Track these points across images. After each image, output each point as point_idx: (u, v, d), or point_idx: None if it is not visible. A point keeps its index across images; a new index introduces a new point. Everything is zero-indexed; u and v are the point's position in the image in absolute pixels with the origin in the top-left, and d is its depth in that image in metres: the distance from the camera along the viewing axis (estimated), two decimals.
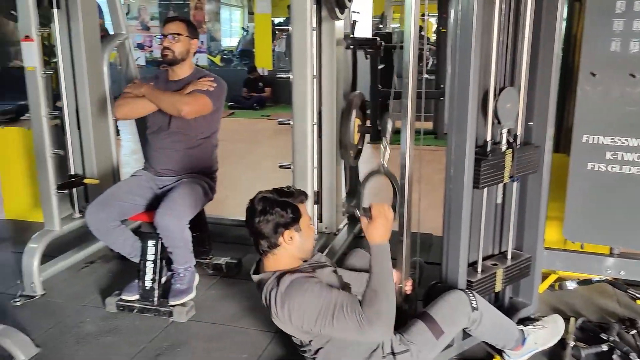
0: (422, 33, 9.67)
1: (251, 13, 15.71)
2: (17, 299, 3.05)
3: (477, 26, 2.12)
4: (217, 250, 3.46)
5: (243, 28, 15.48)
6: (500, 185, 2.46)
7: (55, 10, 3.23)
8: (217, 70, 10.96)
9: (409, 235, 2.34)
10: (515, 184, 2.46)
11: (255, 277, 2.24)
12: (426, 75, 7.68)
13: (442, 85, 7.01)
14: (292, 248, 2.16)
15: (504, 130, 2.36)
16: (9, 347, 2.49)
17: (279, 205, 2.11)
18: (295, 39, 2.67)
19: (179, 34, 2.97)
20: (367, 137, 3.70)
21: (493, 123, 2.30)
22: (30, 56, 3.06)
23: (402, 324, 2.23)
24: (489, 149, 2.30)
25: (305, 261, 2.26)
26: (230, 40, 15.02)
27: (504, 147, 2.36)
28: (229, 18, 15.83)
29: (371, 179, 2.46)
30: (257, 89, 10.76)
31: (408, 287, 2.35)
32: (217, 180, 3.23)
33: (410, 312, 2.37)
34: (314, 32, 2.74)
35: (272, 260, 2.19)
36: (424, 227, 3.25)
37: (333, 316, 1.99)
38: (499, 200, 2.52)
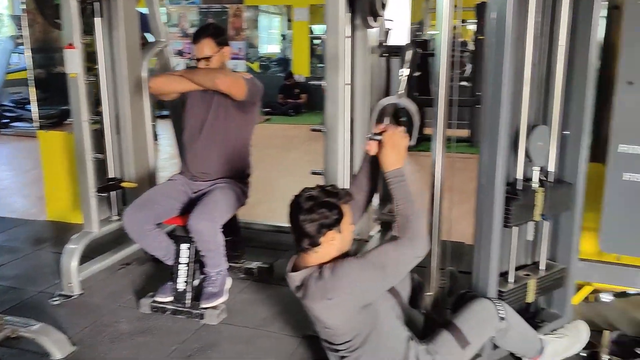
0: (462, 40, 9.62)
1: (290, 20, 15.80)
2: (56, 298, 3.14)
3: (511, 34, 2.11)
4: (249, 255, 3.50)
5: (282, 35, 15.59)
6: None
7: (97, 19, 3.33)
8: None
9: (439, 243, 2.34)
10: None
11: (294, 275, 2.18)
12: (464, 83, 7.66)
13: (478, 93, 6.93)
14: (331, 248, 2.12)
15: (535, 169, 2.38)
16: (46, 345, 2.58)
17: (325, 206, 2.07)
18: (328, 47, 2.69)
19: (209, 57, 3.01)
20: None
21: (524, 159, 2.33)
22: (73, 63, 3.16)
23: (430, 332, 2.23)
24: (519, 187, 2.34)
25: None
26: (268, 47, 15.14)
27: (534, 184, 2.38)
28: (267, 25, 15.95)
29: (385, 106, 2.42)
30: (293, 96, 10.84)
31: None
32: (251, 185, 3.26)
33: (438, 321, 2.36)
34: (348, 40, 2.76)
35: (313, 257, 2.15)
36: (457, 236, 3.22)
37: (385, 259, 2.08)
38: None
